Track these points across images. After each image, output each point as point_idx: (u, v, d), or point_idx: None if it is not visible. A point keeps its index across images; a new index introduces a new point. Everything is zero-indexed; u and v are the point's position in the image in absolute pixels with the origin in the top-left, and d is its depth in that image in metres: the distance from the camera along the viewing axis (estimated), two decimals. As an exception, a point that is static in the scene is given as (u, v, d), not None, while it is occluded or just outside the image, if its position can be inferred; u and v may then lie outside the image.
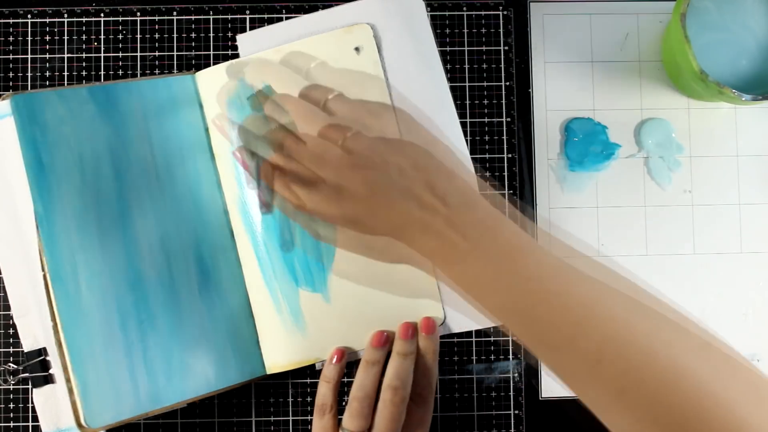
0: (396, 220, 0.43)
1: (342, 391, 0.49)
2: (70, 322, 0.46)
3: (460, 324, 0.51)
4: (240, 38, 0.52)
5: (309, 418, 0.50)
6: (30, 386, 0.50)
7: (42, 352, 0.49)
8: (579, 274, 0.40)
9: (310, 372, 0.51)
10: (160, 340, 0.48)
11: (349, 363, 0.50)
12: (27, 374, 0.49)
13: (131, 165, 0.48)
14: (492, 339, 0.52)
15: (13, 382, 0.50)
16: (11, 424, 0.50)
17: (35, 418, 0.50)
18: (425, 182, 0.43)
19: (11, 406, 0.50)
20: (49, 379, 0.49)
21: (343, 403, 0.49)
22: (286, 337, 0.49)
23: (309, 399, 0.51)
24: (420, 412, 0.47)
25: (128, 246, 0.48)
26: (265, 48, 0.51)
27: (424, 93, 0.51)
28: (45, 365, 0.49)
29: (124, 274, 0.47)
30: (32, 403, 0.50)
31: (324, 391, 0.48)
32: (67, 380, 0.46)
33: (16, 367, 0.50)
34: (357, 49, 0.50)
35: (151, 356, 0.47)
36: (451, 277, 0.42)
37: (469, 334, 0.51)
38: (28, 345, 0.49)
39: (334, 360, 0.48)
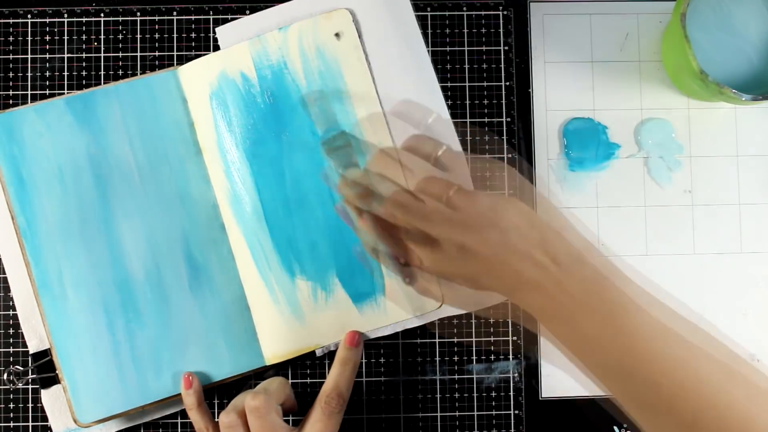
0: (510, 280, 0.43)
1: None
2: (58, 326, 0.48)
3: (454, 308, 0.51)
4: (219, 30, 0.52)
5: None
6: (31, 387, 0.50)
7: (48, 353, 0.49)
8: (679, 336, 0.40)
9: (310, 361, 0.51)
10: (149, 337, 0.49)
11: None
12: (34, 375, 0.49)
13: (111, 169, 0.50)
14: (492, 339, 0.52)
15: (21, 384, 0.50)
16: (11, 424, 0.50)
17: (35, 418, 0.50)
18: (538, 241, 0.43)
19: (11, 406, 0.50)
20: (56, 380, 0.49)
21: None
22: (284, 326, 0.50)
23: (309, 389, 0.51)
24: (324, 420, 0.46)
25: (114, 249, 0.49)
26: (245, 38, 0.51)
27: (408, 76, 0.51)
28: (51, 366, 0.49)
29: (110, 277, 0.49)
30: (32, 403, 0.50)
31: (195, 418, 0.48)
32: (60, 380, 0.48)
33: (23, 368, 0.50)
34: (337, 35, 0.50)
35: (140, 354, 0.49)
36: (556, 334, 0.43)
37: (469, 334, 0.51)
38: (33, 346, 0.50)
39: (185, 388, 0.48)
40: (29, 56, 0.52)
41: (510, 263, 0.42)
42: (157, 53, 0.52)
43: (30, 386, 0.50)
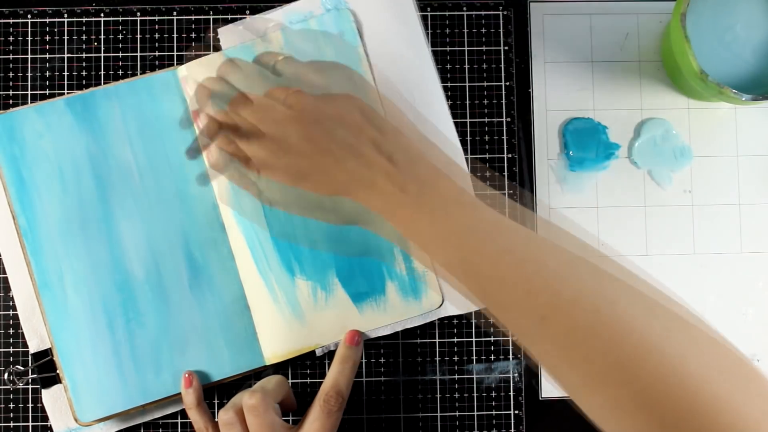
0: (342, 177, 0.43)
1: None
2: (59, 326, 0.49)
3: (456, 307, 0.51)
4: (221, 31, 0.52)
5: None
6: (31, 387, 0.50)
7: (48, 352, 0.49)
8: (524, 230, 0.39)
9: (311, 361, 0.51)
10: (149, 336, 0.49)
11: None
12: (35, 375, 0.49)
13: (112, 169, 0.50)
14: (492, 339, 0.52)
15: (21, 384, 0.50)
16: (11, 424, 0.50)
17: (36, 418, 0.50)
18: (371, 140, 0.43)
19: (12, 406, 0.50)
20: (56, 380, 0.49)
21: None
22: (284, 326, 0.50)
23: (309, 389, 0.51)
24: (323, 419, 0.46)
25: (114, 249, 0.49)
26: (246, 39, 0.51)
27: (409, 76, 0.51)
28: (52, 366, 0.49)
29: (110, 276, 0.49)
30: (33, 402, 0.50)
31: (195, 417, 0.48)
32: (61, 379, 0.48)
33: (23, 368, 0.50)
34: (340, 34, 0.51)
35: (140, 353, 0.49)
36: (401, 231, 0.42)
37: (469, 334, 0.51)
38: (34, 346, 0.50)
39: (185, 386, 0.48)
40: (29, 56, 0.52)
41: (338, 160, 0.42)
42: (157, 53, 0.52)
43: (30, 386, 0.50)
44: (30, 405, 0.50)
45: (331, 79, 0.48)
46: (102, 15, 0.52)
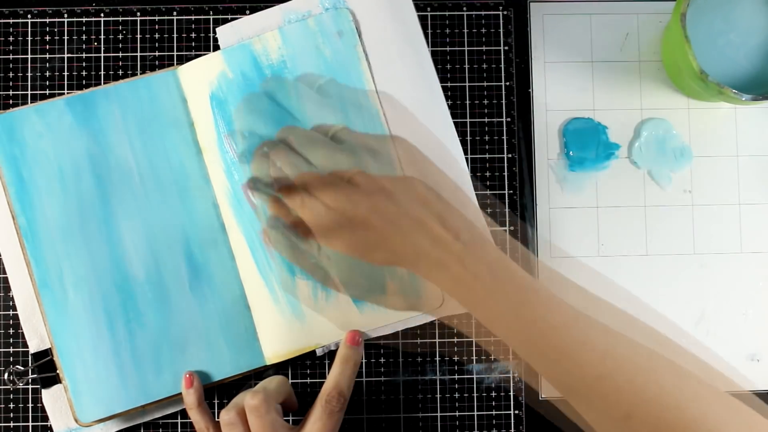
0: (409, 252, 0.43)
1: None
2: (59, 326, 0.49)
3: (456, 306, 0.51)
4: (220, 30, 0.52)
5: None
6: (31, 387, 0.50)
7: (48, 352, 0.49)
8: (597, 323, 0.40)
9: (311, 361, 0.51)
10: (149, 337, 0.49)
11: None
12: (35, 375, 0.49)
13: (111, 169, 0.50)
14: (492, 339, 0.52)
15: (21, 384, 0.50)
16: (11, 424, 0.50)
17: (36, 418, 0.50)
18: (437, 215, 0.43)
19: (12, 406, 0.50)
20: (56, 380, 0.49)
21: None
22: (284, 326, 0.50)
23: (309, 389, 0.51)
24: (325, 419, 0.46)
25: (114, 249, 0.49)
26: (245, 38, 0.51)
27: (408, 76, 0.51)
28: (52, 366, 0.49)
29: (110, 277, 0.49)
30: (33, 403, 0.50)
31: (195, 417, 0.48)
32: (62, 380, 0.48)
33: (23, 368, 0.50)
34: (338, 34, 0.50)
35: (140, 353, 0.49)
36: (473, 313, 0.43)
37: (468, 334, 0.51)
38: (34, 346, 0.50)
39: (186, 387, 0.48)
40: (29, 56, 0.52)
41: (405, 234, 0.43)
42: (157, 53, 0.52)
43: (30, 386, 0.50)
44: (30, 405, 0.50)
45: (384, 156, 0.49)
46: (102, 15, 0.52)
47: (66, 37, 0.52)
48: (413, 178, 0.46)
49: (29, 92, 0.51)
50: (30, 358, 0.50)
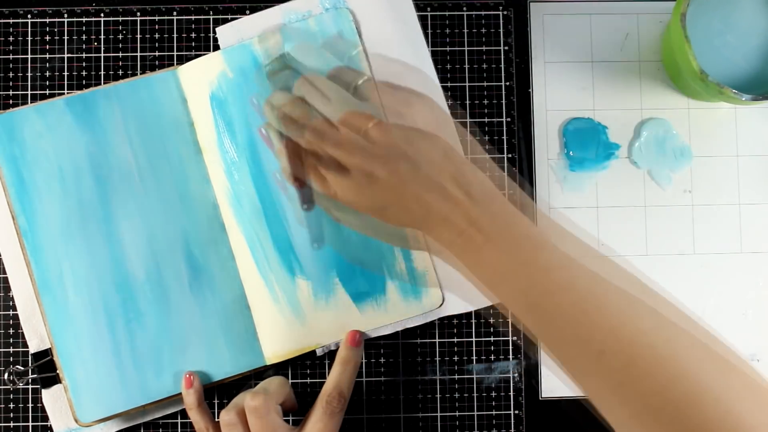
0: (419, 211, 0.43)
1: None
2: (59, 326, 0.49)
3: (457, 306, 0.51)
4: (220, 30, 0.52)
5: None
6: (31, 387, 0.50)
7: (48, 352, 0.49)
8: (587, 270, 0.40)
9: (311, 361, 0.51)
10: (149, 337, 0.49)
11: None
12: (35, 375, 0.49)
13: (112, 169, 0.50)
14: (492, 339, 0.52)
15: (21, 384, 0.50)
16: (11, 424, 0.50)
17: (36, 418, 0.50)
18: (452, 174, 0.43)
19: (12, 406, 0.50)
20: (56, 380, 0.49)
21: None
22: (284, 326, 0.50)
23: (309, 389, 0.51)
24: (325, 420, 0.46)
25: (114, 249, 0.49)
26: (246, 38, 0.51)
27: (408, 75, 0.51)
28: (52, 366, 0.49)
29: (110, 277, 0.49)
30: (33, 403, 0.50)
31: (195, 417, 0.48)
32: (62, 380, 0.48)
33: (23, 368, 0.50)
34: (339, 33, 0.51)
35: (140, 353, 0.49)
36: (467, 264, 0.43)
37: (469, 334, 0.51)
38: (34, 346, 0.50)
39: (186, 387, 0.48)
40: (29, 56, 0.52)
41: (419, 194, 0.43)
42: (157, 53, 0.52)
43: (30, 386, 0.50)
44: (30, 405, 0.50)
45: (414, 108, 0.49)
46: (102, 15, 0.52)
47: (66, 37, 0.52)
48: (438, 136, 0.45)
49: (29, 92, 0.51)
50: (30, 358, 0.50)
